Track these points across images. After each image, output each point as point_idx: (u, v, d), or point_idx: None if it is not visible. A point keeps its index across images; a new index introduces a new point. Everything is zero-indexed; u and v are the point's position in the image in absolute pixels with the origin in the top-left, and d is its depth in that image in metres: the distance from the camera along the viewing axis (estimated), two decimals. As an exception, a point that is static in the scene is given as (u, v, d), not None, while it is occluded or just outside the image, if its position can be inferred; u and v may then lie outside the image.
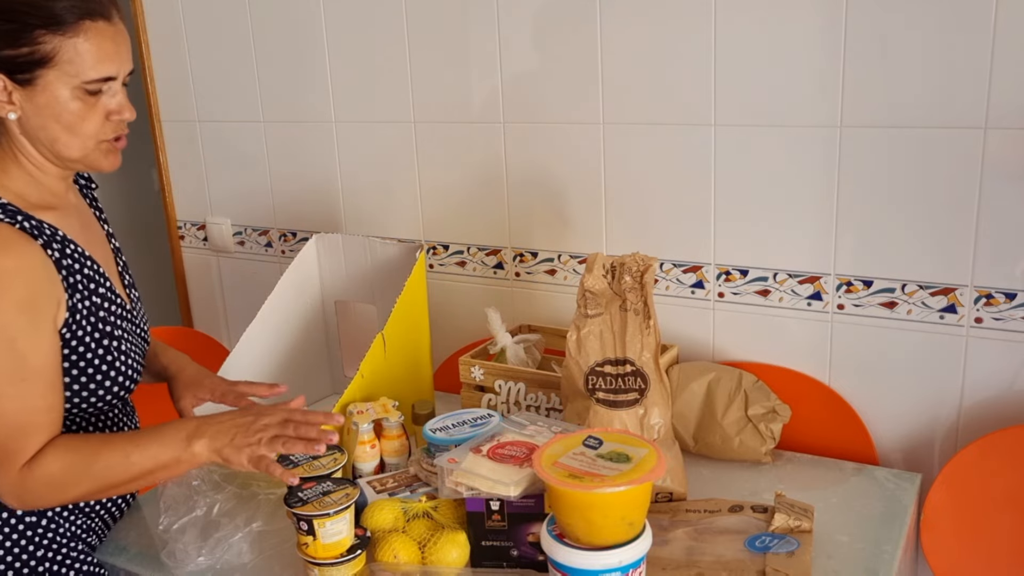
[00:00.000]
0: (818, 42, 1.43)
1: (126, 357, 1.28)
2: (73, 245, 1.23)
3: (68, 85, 1.16)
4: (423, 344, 1.66)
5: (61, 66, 1.15)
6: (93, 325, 1.23)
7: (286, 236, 2.15)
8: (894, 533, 1.29)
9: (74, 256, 1.22)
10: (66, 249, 1.21)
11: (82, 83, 1.17)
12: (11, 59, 1.14)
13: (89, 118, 1.20)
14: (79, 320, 1.21)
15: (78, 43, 1.15)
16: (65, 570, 1.29)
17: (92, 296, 1.24)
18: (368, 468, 1.41)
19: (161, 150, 2.28)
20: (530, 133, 1.74)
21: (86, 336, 1.22)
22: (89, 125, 1.20)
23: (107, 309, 1.26)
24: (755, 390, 1.53)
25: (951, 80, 1.35)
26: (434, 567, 1.19)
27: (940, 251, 1.43)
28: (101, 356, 1.24)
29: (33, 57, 1.14)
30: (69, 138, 1.20)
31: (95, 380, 1.24)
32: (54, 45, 1.14)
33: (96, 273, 1.26)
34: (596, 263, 1.37)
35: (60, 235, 1.22)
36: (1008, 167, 1.35)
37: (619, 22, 1.58)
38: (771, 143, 1.51)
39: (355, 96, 1.93)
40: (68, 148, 1.21)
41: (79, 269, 1.23)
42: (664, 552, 1.21)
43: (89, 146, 1.22)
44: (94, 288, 1.25)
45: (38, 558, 1.27)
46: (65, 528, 1.30)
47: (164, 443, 1.17)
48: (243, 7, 2.03)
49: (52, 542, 1.28)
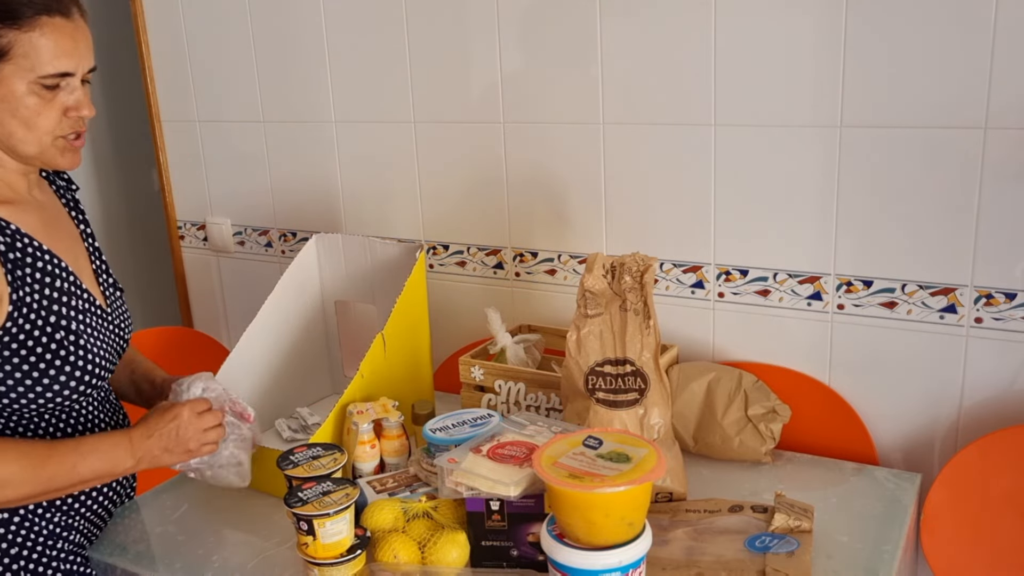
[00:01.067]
0: (818, 42, 1.43)
1: (85, 352, 1.26)
2: (27, 239, 1.23)
3: (24, 80, 1.17)
4: (423, 344, 1.66)
5: (16, 60, 1.15)
6: (44, 319, 1.22)
7: (286, 236, 2.15)
8: (894, 533, 1.29)
9: (26, 250, 1.22)
10: (16, 243, 1.21)
11: (38, 78, 1.17)
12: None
13: (45, 114, 1.20)
14: (27, 314, 1.20)
15: (34, 38, 1.16)
16: (43, 569, 1.28)
17: (46, 289, 1.23)
18: (368, 468, 1.41)
19: (161, 150, 2.28)
20: (530, 133, 1.74)
21: (34, 329, 1.21)
22: (45, 121, 1.20)
23: (65, 303, 1.26)
24: (755, 390, 1.53)
25: (951, 80, 1.35)
26: (434, 567, 1.19)
27: (940, 251, 1.43)
28: (54, 350, 1.22)
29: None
30: (25, 133, 1.20)
31: (48, 374, 1.22)
32: (9, 39, 1.15)
33: (56, 268, 1.26)
34: (596, 263, 1.37)
35: (12, 228, 1.21)
36: (1008, 167, 1.35)
37: (619, 22, 1.58)
38: (771, 143, 1.51)
39: (355, 96, 1.93)
40: (24, 144, 1.21)
41: (31, 263, 1.22)
42: (664, 552, 1.21)
43: (46, 142, 1.22)
44: (50, 282, 1.24)
45: (12, 556, 1.26)
46: (41, 526, 1.29)
47: (105, 457, 1.23)
48: (243, 7, 2.03)
49: (26, 540, 1.27)
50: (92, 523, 1.39)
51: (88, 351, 1.27)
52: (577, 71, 1.65)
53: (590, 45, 1.62)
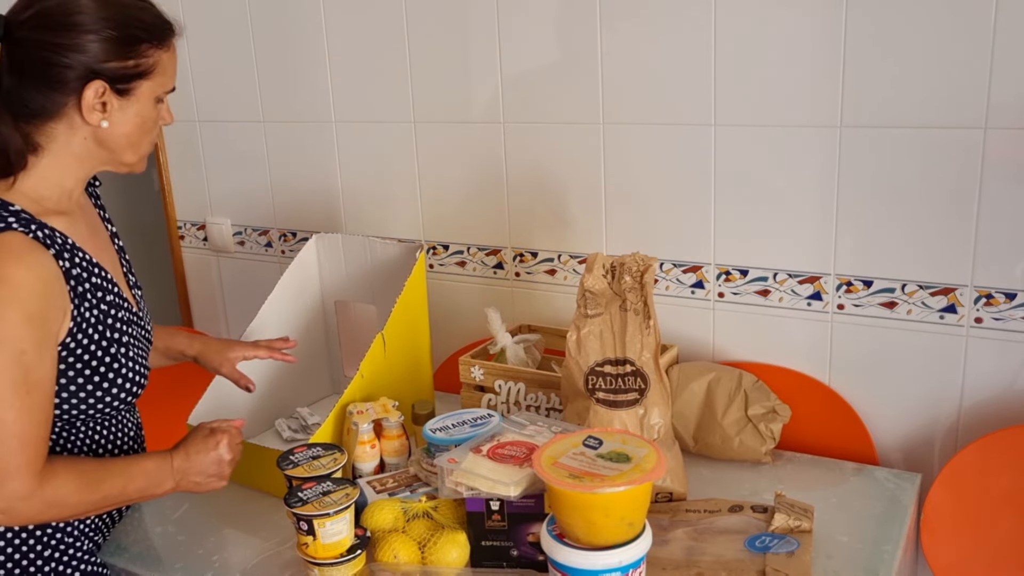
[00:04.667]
0: (818, 42, 1.43)
1: (133, 363, 1.29)
2: (82, 253, 1.24)
3: (153, 94, 1.24)
4: (423, 344, 1.66)
5: (156, 78, 1.23)
6: (101, 333, 1.24)
7: (286, 236, 2.15)
8: (894, 533, 1.29)
9: (83, 265, 1.23)
10: (75, 258, 1.22)
11: (163, 92, 1.26)
12: (117, 71, 1.19)
13: (157, 124, 1.29)
14: (85, 329, 1.22)
15: (168, 57, 1.25)
16: (71, 571, 1.30)
17: (100, 304, 1.25)
18: (368, 468, 1.41)
19: (161, 150, 2.28)
20: (530, 133, 1.74)
21: (91, 344, 1.22)
22: (156, 131, 1.30)
23: (115, 316, 1.27)
24: (755, 390, 1.53)
25: (951, 80, 1.35)
26: (434, 567, 1.19)
27: (940, 251, 1.43)
28: (108, 364, 1.24)
29: (138, 70, 1.21)
30: (140, 141, 1.26)
31: (102, 388, 1.24)
32: (156, 59, 1.23)
33: (105, 280, 1.27)
34: (596, 263, 1.37)
35: (71, 243, 1.22)
36: (1008, 167, 1.35)
37: (619, 22, 1.58)
38: (771, 143, 1.51)
39: (355, 96, 1.93)
40: (135, 153, 1.27)
41: (87, 278, 1.23)
42: (664, 552, 1.21)
43: (148, 150, 1.30)
44: (102, 296, 1.26)
45: (44, 557, 1.27)
46: (74, 526, 1.31)
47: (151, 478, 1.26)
48: (243, 7, 2.03)
49: (60, 542, 1.28)
50: (113, 520, 1.41)
51: (136, 362, 1.29)
52: (577, 71, 1.65)
53: (590, 45, 1.62)
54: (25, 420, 1.12)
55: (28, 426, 1.13)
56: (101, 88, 1.17)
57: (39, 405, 1.14)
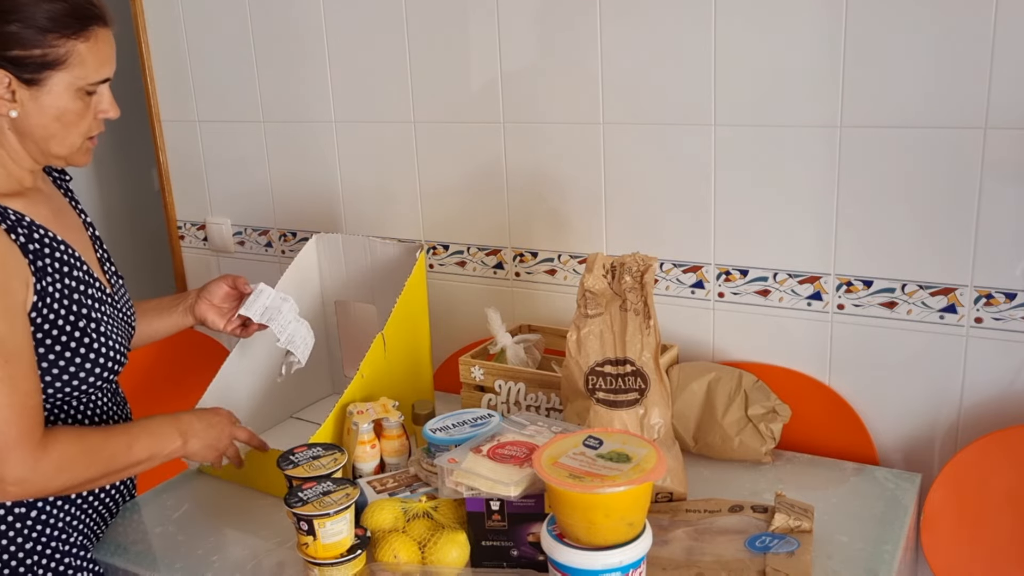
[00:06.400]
0: (818, 42, 1.43)
1: (106, 339, 1.28)
2: (43, 231, 1.25)
3: (73, 87, 1.21)
4: (423, 344, 1.66)
5: (71, 68, 1.20)
6: (67, 308, 1.24)
7: (286, 236, 2.15)
8: (894, 533, 1.29)
9: (43, 241, 1.24)
10: (33, 234, 1.23)
11: (86, 85, 1.22)
12: (21, 59, 1.17)
13: (84, 117, 1.25)
14: (50, 303, 1.22)
15: (87, 47, 1.21)
16: (55, 563, 1.29)
17: (65, 279, 1.25)
18: (368, 468, 1.41)
19: (161, 150, 2.28)
20: (530, 133, 1.74)
21: (59, 319, 1.23)
22: (83, 124, 1.26)
23: (83, 292, 1.27)
24: (755, 390, 1.53)
25: (951, 80, 1.35)
26: (434, 567, 1.19)
27: (940, 251, 1.43)
28: (78, 339, 1.24)
29: (45, 59, 1.18)
30: (64, 135, 1.24)
31: (74, 363, 1.24)
32: (67, 49, 1.19)
33: (71, 257, 1.27)
34: (596, 263, 1.37)
35: (27, 220, 1.23)
36: (1008, 167, 1.35)
37: (619, 22, 1.58)
38: (771, 143, 1.51)
39: (355, 96, 1.93)
40: (60, 145, 1.25)
41: (49, 253, 1.24)
42: (664, 552, 1.21)
43: (77, 144, 1.27)
44: (67, 271, 1.26)
45: (27, 550, 1.26)
46: (56, 519, 1.30)
47: (155, 436, 1.28)
48: (243, 7, 2.03)
49: (41, 535, 1.28)
50: (102, 517, 1.41)
51: (108, 338, 1.29)
52: (577, 71, 1.65)
53: (590, 45, 1.62)
54: (10, 389, 1.13)
55: (16, 395, 1.13)
56: (6, 78, 1.17)
57: (23, 374, 1.15)
